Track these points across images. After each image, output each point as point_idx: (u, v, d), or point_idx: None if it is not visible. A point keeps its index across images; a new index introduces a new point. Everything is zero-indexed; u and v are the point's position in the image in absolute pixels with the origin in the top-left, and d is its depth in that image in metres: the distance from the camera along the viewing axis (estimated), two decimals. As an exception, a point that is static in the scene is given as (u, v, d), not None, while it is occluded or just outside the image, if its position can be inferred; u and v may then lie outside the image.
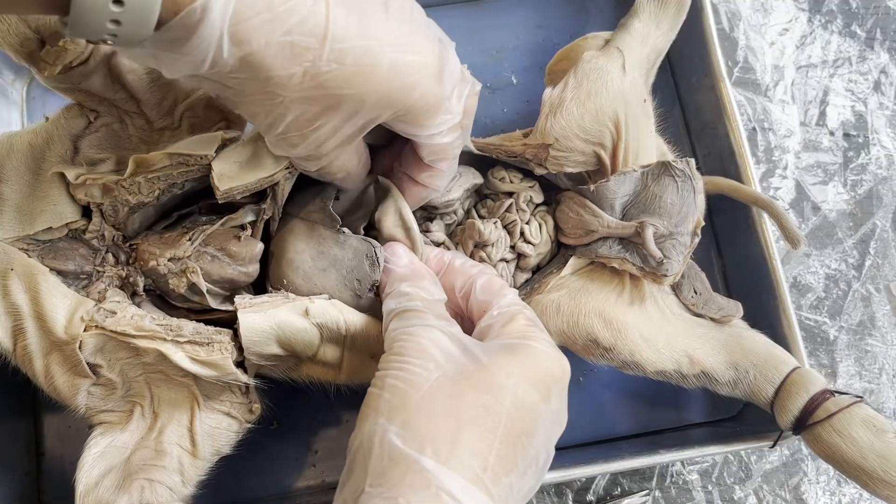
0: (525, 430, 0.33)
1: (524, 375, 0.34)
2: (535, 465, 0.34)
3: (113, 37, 0.29)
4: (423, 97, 0.35)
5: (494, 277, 0.41)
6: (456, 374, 0.34)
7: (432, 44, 0.35)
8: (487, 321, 0.38)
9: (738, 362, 0.45)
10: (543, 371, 0.35)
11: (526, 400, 0.33)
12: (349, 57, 0.32)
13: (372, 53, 0.32)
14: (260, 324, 0.39)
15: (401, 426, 0.32)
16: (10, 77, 0.55)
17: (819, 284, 0.58)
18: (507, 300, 0.39)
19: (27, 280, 0.39)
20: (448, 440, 0.31)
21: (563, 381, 0.36)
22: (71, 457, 0.50)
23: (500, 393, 0.33)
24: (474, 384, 0.33)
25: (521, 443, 0.33)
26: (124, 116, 0.42)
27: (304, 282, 0.42)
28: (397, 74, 0.33)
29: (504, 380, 0.33)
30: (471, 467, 0.31)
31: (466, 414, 0.32)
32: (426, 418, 0.32)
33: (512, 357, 0.35)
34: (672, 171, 0.44)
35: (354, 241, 0.42)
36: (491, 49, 0.59)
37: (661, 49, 0.50)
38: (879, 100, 0.61)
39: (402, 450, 0.31)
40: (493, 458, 0.32)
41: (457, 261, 0.42)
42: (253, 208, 0.42)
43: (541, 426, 0.34)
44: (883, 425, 0.41)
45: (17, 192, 0.40)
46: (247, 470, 0.50)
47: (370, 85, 0.33)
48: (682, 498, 0.54)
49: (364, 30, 0.32)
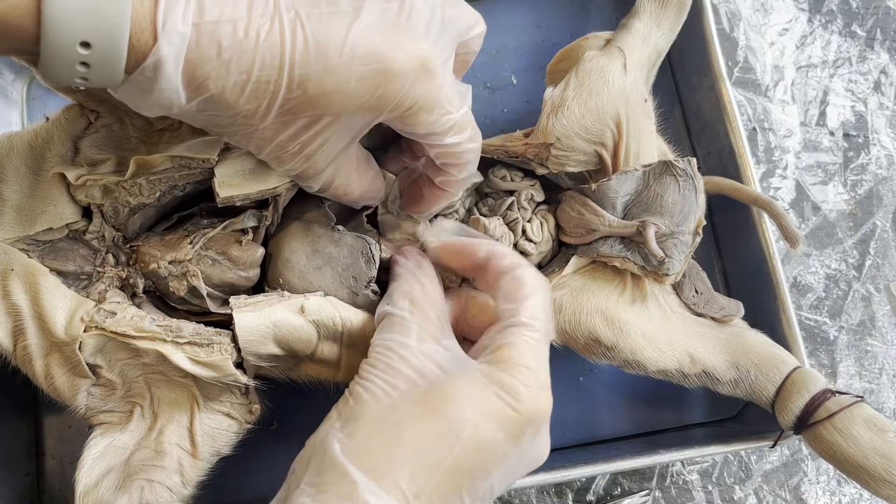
0: (478, 467, 0.32)
1: (490, 413, 0.33)
2: (485, 499, 0.33)
3: (84, 80, 0.29)
4: (405, 100, 0.33)
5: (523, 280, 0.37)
6: (420, 396, 0.33)
7: (422, 42, 0.33)
8: (491, 340, 0.36)
9: (739, 362, 0.45)
10: (515, 413, 0.33)
11: (487, 438, 0.32)
12: (311, 81, 0.31)
13: (334, 74, 0.31)
14: (256, 323, 0.39)
15: (347, 435, 0.32)
16: (10, 77, 0.55)
17: (819, 284, 0.58)
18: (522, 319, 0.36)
19: (27, 280, 0.39)
20: (385, 459, 0.31)
21: (538, 421, 0.34)
22: (71, 457, 0.50)
23: (457, 425, 0.32)
24: (433, 410, 0.32)
25: (472, 478, 0.32)
26: (124, 117, 0.42)
27: (300, 280, 0.42)
28: (366, 89, 0.32)
29: (467, 414, 0.32)
30: (401, 490, 0.31)
31: (415, 438, 0.32)
32: (373, 433, 0.32)
33: (481, 391, 0.33)
34: (674, 171, 0.44)
35: (349, 238, 0.42)
36: (491, 49, 0.58)
37: (662, 49, 0.50)
38: (879, 100, 0.61)
39: (339, 457, 0.31)
40: (431, 487, 0.31)
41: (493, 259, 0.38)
42: (255, 213, 0.42)
43: (501, 466, 0.33)
44: (884, 425, 0.41)
45: (18, 193, 0.40)
46: (247, 470, 0.50)
47: (339, 102, 0.32)
48: (682, 498, 0.54)
49: (324, 50, 0.31)
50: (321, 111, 0.33)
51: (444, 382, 0.33)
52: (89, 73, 0.29)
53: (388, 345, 0.35)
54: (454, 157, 0.38)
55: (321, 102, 0.32)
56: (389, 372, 0.34)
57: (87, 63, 0.29)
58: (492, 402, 0.33)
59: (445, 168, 0.39)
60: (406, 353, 0.35)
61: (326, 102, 0.32)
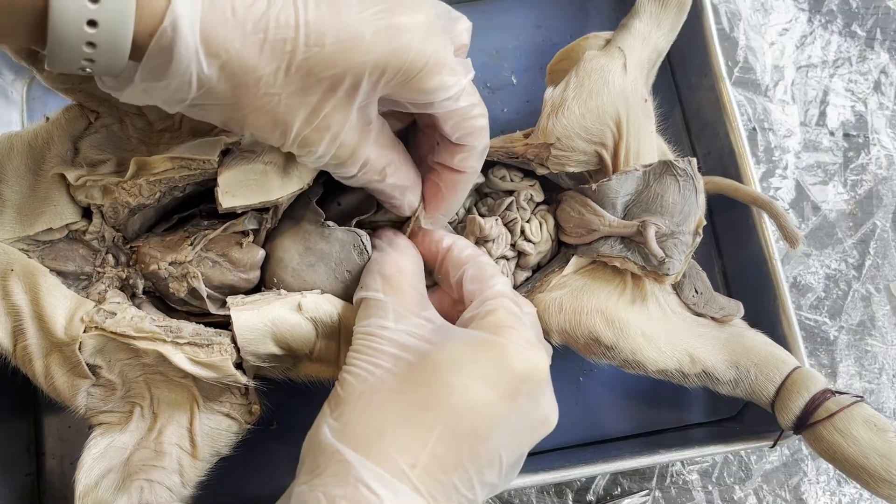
0: (474, 431, 0.32)
1: (479, 373, 0.33)
2: (497, 465, 0.33)
3: (90, 62, 0.29)
4: (419, 56, 0.34)
5: (486, 265, 0.40)
6: (404, 370, 0.34)
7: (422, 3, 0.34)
8: (471, 311, 0.37)
9: (739, 361, 0.45)
10: (506, 369, 0.33)
11: (477, 399, 0.32)
12: (328, 37, 0.32)
13: (350, 28, 0.32)
14: (254, 322, 0.39)
15: (336, 418, 0.33)
16: (10, 77, 0.55)
17: (819, 284, 0.58)
18: (494, 291, 0.38)
19: (27, 281, 0.39)
20: (375, 433, 0.32)
21: (534, 378, 0.34)
22: (71, 457, 0.50)
23: (443, 390, 0.32)
24: (418, 381, 0.33)
25: (469, 443, 0.32)
26: (124, 117, 0.42)
27: (294, 279, 0.42)
28: (382, 41, 0.33)
29: (452, 378, 0.33)
30: (395, 463, 0.31)
31: (402, 410, 0.32)
32: (360, 412, 0.33)
33: (469, 353, 0.33)
34: (674, 171, 0.44)
35: (339, 232, 0.42)
36: (491, 49, 0.59)
37: (662, 49, 0.50)
38: (879, 100, 0.61)
39: (329, 440, 0.32)
40: (426, 455, 0.31)
41: (454, 249, 0.41)
42: (255, 216, 0.42)
43: (500, 428, 0.33)
44: (884, 424, 0.41)
45: (17, 193, 0.40)
46: (247, 470, 0.50)
47: (358, 58, 0.32)
48: (682, 498, 0.54)
49: (336, 4, 0.32)
50: (341, 69, 0.32)
51: (428, 352, 0.34)
52: (97, 38, 0.28)
53: (367, 330, 0.36)
54: (469, 123, 0.38)
55: (339, 59, 0.32)
56: (372, 353, 0.35)
57: (94, 42, 0.28)
58: (480, 364, 0.33)
59: (462, 140, 0.39)
60: (386, 333, 0.35)
61: (345, 59, 0.32)
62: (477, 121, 0.38)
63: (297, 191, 0.40)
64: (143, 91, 0.32)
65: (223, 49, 0.30)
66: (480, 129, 0.39)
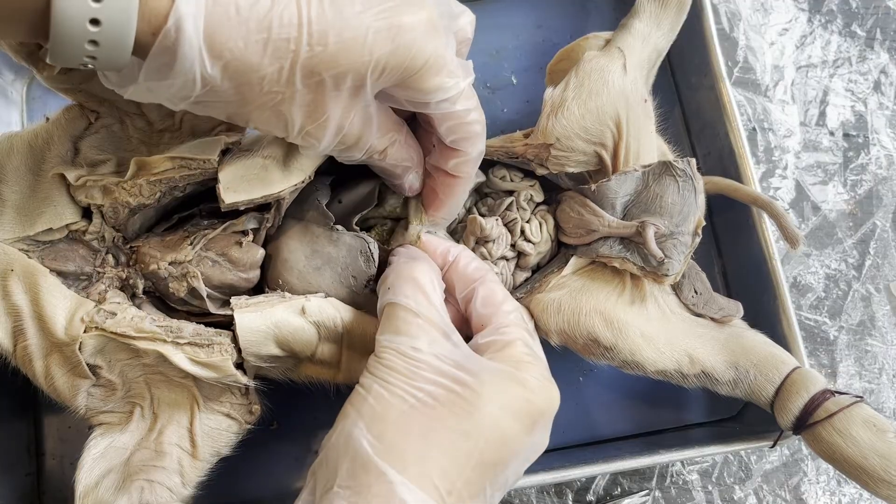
0: (500, 460, 0.34)
1: (510, 407, 0.35)
2: (505, 487, 0.35)
3: (92, 59, 0.29)
4: (419, 55, 0.34)
5: (497, 287, 0.41)
6: (442, 395, 0.34)
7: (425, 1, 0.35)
8: (486, 338, 0.39)
9: (738, 362, 0.45)
10: (531, 404, 0.35)
11: (507, 432, 0.34)
12: (331, 36, 0.32)
13: (352, 27, 0.32)
14: (257, 324, 0.39)
15: (376, 437, 0.33)
16: (10, 77, 0.55)
17: (819, 284, 0.58)
18: (508, 319, 0.39)
19: (27, 281, 0.39)
20: (418, 458, 0.32)
21: (550, 413, 0.37)
22: (71, 457, 0.50)
23: (482, 421, 0.34)
24: (458, 409, 0.34)
25: (493, 471, 0.34)
26: (125, 117, 0.42)
27: (299, 281, 0.42)
28: (383, 40, 0.33)
29: (489, 409, 0.34)
30: (436, 488, 0.32)
31: (443, 436, 0.33)
32: (402, 434, 0.33)
33: (502, 387, 0.35)
34: (673, 171, 0.44)
35: (348, 237, 0.42)
36: (491, 49, 0.59)
37: (662, 49, 0.50)
38: (879, 100, 0.61)
39: (373, 459, 0.32)
40: (462, 482, 0.33)
41: (461, 261, 0.42)
42: (256, 216, 0.42)
43: (517, 457, 0.35)
44: (883, 425, 0.41)
45: (18, 193, 0.40)
46: (247, 470, 0.50)
47: (360, 57, 0.33)
48: (682, 498, 0.54)
49: (339, 4, 0.32)
50: (343, 68, 0.33)
51: (467, 382, 0.35)
52: (99, 36, 0.28)
53: (400, 349, 0.36)
54: (465, 128, 0.38)
55: (342, 58, 0.32)
56: (412, 376, 0.35)
57: (96, 41, 0.28)
58: (509, 396, 0.35)
59: (456, 145, 0.39)
60: (421, 356, 0.35)
61: (347, 58, 0.32)
62: (472, 126, 0.38)
63: (299, 183, 0.40)
64: (146, 89, 0.32)
65: (227, 49, 0.30)
66: (475, 135, 0.39)
